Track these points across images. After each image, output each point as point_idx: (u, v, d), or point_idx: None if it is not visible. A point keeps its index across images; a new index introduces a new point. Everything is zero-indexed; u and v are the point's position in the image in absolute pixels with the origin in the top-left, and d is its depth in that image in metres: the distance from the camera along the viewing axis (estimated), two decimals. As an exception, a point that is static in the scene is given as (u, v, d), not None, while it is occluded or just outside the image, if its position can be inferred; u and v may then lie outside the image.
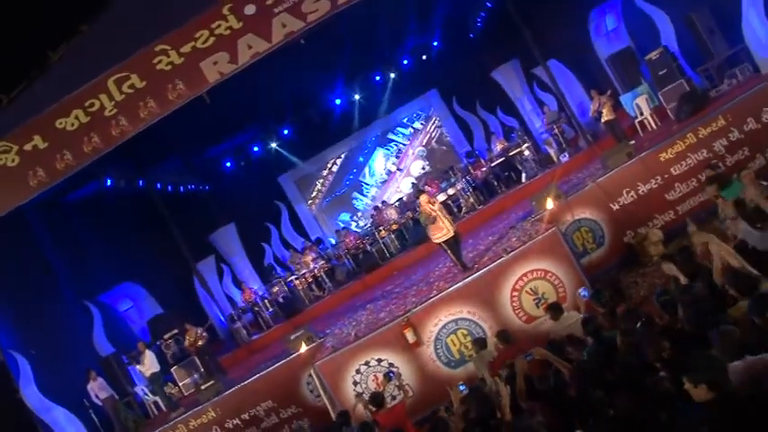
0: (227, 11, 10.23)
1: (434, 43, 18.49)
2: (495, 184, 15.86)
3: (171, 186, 16.15)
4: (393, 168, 20.44)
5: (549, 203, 9.31)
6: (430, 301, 8.54)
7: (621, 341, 4.39)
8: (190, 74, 10.28)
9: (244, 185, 18.92)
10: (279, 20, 10.20)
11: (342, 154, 20.36)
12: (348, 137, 20.06)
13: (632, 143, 11.20)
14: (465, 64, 18.55)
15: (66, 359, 12.66)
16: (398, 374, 8.09)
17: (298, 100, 16.98)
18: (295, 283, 15.44)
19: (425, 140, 20.45)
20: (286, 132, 18.69)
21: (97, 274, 14.69)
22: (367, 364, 8.46)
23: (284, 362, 9.88)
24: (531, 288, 8.39)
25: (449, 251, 9.60)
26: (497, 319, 8.27)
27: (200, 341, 12.91)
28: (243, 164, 19.13)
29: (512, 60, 17.78)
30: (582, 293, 7.33)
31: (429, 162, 20.35)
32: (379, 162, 20.48)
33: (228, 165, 18.83)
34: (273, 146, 18.90)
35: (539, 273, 8.41)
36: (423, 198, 9.76)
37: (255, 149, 18.83)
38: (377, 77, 18.78)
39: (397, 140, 20.50)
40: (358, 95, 18.94)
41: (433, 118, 20.40)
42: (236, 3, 10.20)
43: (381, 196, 19.76)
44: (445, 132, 20.34)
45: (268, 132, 18.38)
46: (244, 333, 14.45)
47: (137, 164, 14.13)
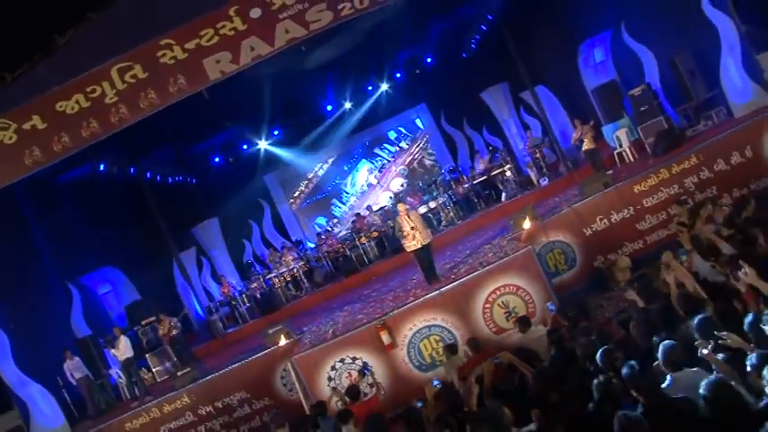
0: (233, 12, 10.57)
1: (428, 59, 19.01)
2: (476, 200, 16.33)
3: (160, 176, 16.40)
4: (374, 182, 20.89)
5: (526, 223, 9.80)
6: (406, 307, 8.98)
7: (581, 351, 4.89)
8: (192, 70, 10.59)
9: (230, 181, 19.18)
10: (282, 26, 10.56)
11: (329, 159, 20.74)
12: (336, 143, 20.44)
13: (609, 173, 11.77)
14: (456, 82, 18.99)
15: (44, 337, 12.79)
16: (372, 372, 8.47)
17: (291, 102, 17.26)
18: (273, 281, 15.75)
19: (408, 160, 20.95)
20: (276, 133, 19.03)
21: (80, 255, 14.85)
22: (342, 361, 8.86)
23: (260, 355, 10.26)
24: (502, 301, 8.86)
25: (417, 262, 10.04)
26: (469, 328, 8.72)
27: (174, 331, 13.22)
28: (231, 160, 19.41)
29: (501, 83, 18.35)
30: (550, 307, 7.82)
31: (408, 181, 20.82)
32: (362, 174, 20.92)
33: (217, 160, 19.10)
34: (262, 145, 19.20)
35: (511, 288, 8.89)
36: (401, 207, 10.14)
37: (245, 147, 19.13)
38: (369, 87, 19.20)
39: (382, 156, 20.97)
40: (349, 103, 19.33)
41: (418, 140, 20.90)
42: (243, 5, 10.55)
43: (359, 206, 20.20)
44: (429, 154, 20.83)
45: (258, 131, 18.66)
46: (220, 325, 14.73)
47: (130, 152, 14.38)
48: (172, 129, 13.78)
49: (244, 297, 15.38)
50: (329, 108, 19.08)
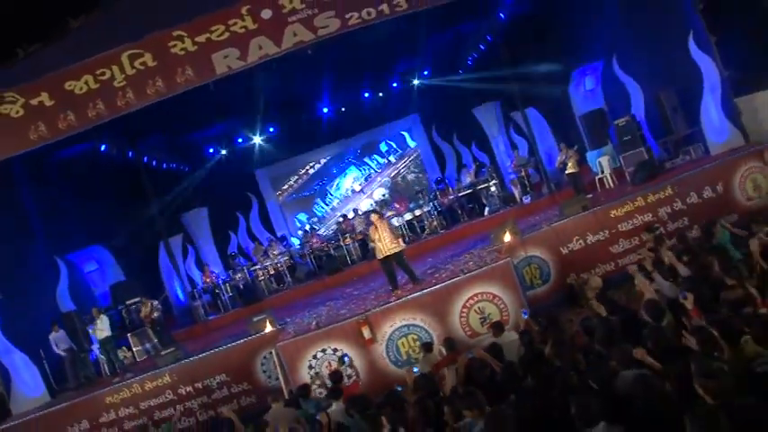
0: (245, 11, 11.05)
1: (425, 72, 19.59)
2: (459, 212, 16.87)
3: (155, 162, 16.72)
4: (358, 188, 21.49)
5: (507, 237, 10.34)
6: (388, 305, 9.46)
7: (549, 351, 5.42)
8: (200, 62, 11.03)
9: (221, 173, 19.56)
10: (291, 29, 11.04)
11: (321, 160, 21.22)
12: (328, 145, 20.93)
13: (589, 197, 12.34)
14: (450, 96, 19.57)
15: (30, 308, 13.07)
16: (351, 361, 8.93)
17: (288, 101, 17.71)
18: (257, 273, 16.15)
19: (393, 174, 21.60)
20: (272, 130, 19.47)
21: (70, 232, 15.13)
22: (324, 351, 9.31)
23: (243, 341, 10.67)
24: (479, 307, 9.37)
25: (384, 270, 10.53)
26: (445, 330, 9.21)
27: (155, 313, 13.60)
28: (225, 152, 19.81)
29: (493, 101, 18.85)
30: (523, 313, 8.36)
31: (390, 192, 21.40)
32: (349, 179, 21.50)
33: (211, 151, 19.50)
34: (257, 140, 19.62)
35: (488, 295, 9.39)
36: (374, 217, 10.60)
37: (239, 141, 19.56)
38: (365, 94, 19.71)
39: (370, 165, 21.57)
40: (345, 108, 19.82)
41: (405, 157, 21.48)
42: (255, 5, 11.02)
43: (340, 209, 20.86)
44: (413, 170, 21.41)
45: (254, 126, 19.07)
46: (201, 311, 15.11)
47: (130, 135, 14.70)
48: (170, 116, 14.03)
49: (227, 286, 15.75)
50: (325, 110, 19.53)
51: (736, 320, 4.32)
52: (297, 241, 19.75)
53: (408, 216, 16.33)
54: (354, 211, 18.58)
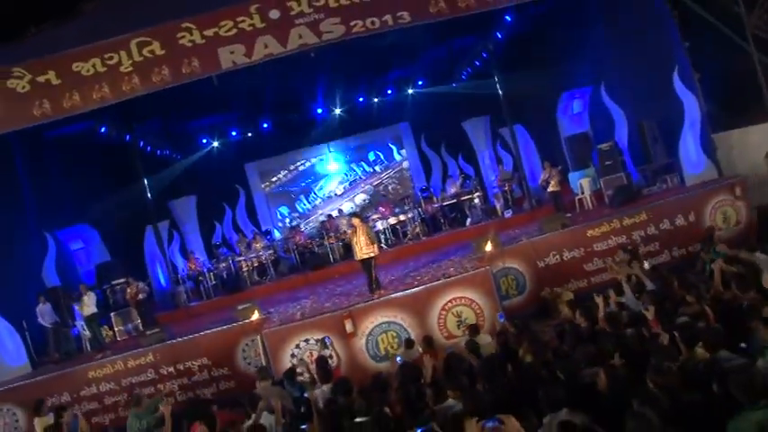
0: (254, 10, 11.42)
1: (419, 81, 20.09)
2: (442, 221, 17.34)
3: (150, 147, 17.01)
4: (340, 192, 21.94)
5: (488, 247, 10.85)
6: (371, 302, 9.95)
7: (523, 349, 5.95)
8: (206, 55, 11.37)
9: (212, 163, 19.94)
10: (297, 30, 11.43)
11: (312, 159, 21.64)
12: (319, 145, 21.36)
13: (568, 216, 12.92)
14: (441, 107, 20.04)
15: (17, 279, 13.31)
16: (332, 344, 9.35)
17: (284, 100, 18.07)
18: (241, 264, 16.49)
19: (376, 183, 22.09)
20: (265, 126, 19.85)
21: (60, 209, 15.37)
22: (307, 341, 9.75)
23: (226, 327, 11.04)
24: (456, 311, 9.88)
25: (365, 271, 10.92)
26: (423, 330, 9.67)
27: (141, 295, 13.96)
28: (217, 143, 20.17)
29: (483, 116, 19.44)
30: (499, 317, 8.89)
31: (370, 198, 21.88)
32: (334, 182, 21.95)
33: (204, 141, 19.84)
34: (250, 134, 20.00)
35: (466, 300, 9.91)
36: (355, 221, 11.06)
37: (233, 133, 19.92)
38: (360, 98, 20.16)
39: (356, 171, 22.07)
40: (339, 110, 20.27)
41: (390, 168, 22.04)
42: (264, 5, 11.40)
43: (321, 207, 21.44)
44: (396, 182, 22.00)
45: (249, 121, 19.44)
46: (184, 297, 15.41)
47: (129, 119, 14.98)
48: (168, 103, 14.25)
49: (211, 274, 16.08)
50: (319, 111, 19.96)
51: (693, 329, 4.88)
52: (278, 233, 20.14)
53: (393, 220, 16.78)
54: (339, 211, 19.01)
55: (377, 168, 22.02)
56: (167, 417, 6.96)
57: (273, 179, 21.66)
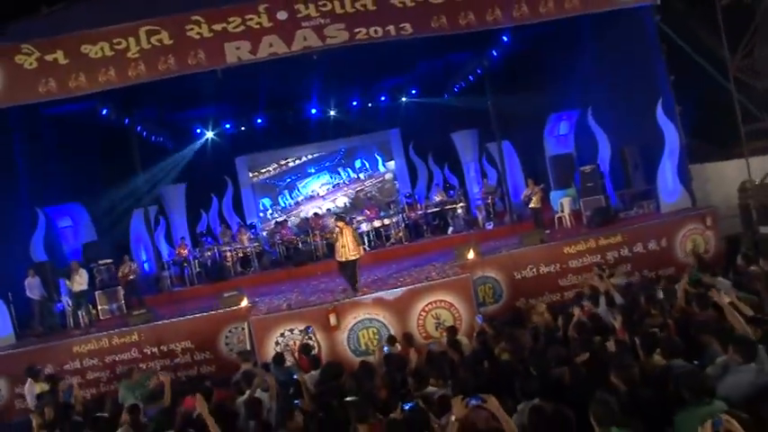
0: (262, 9, 11.83)
1: (413, 90, 20.65)
2: (424, 228, 17.83)
3: (145, 133, 17.29)
4: (323, 193, 22.43)
5: (470, 255, 11.34)
6: (355, 299, 10.43)
7: (500, 348, 6.47)
8: (213, 49, 11.75)
9: (204, 154, 20.32)
10: (302, 33, 11.85)
11: (303, 157, 22.05)
12: (310, 144, 21.76)
13: (547, 232, 13.44)
14: (432, 117, 20.65)
15: (5, 252, 13.45)
16: (314, 333, 9.76)
17: (280, 97, 18.40)
18: (225, 254, 16.82)
19: (358, 189, 22.55)
20: (260, 121, 20.22)
21: (52, 185, 15.52)
22: (291, 331, 10.18)
23: (211, 313, 11.43)
24: (436, 313, 10.38)
25: (343, 272, 11.40)
26: (403, 328, 10.13)
27: (132, 275, 14.19)
28: (211, 135, 20.51)
29: (472, 129, 19.93)
30: (478, 319, 9.40)
31: (351, 202, 22.34)
32: (318, 183, 22.45)
33: (198, 131, 20.15)
34: (243, 128, 20.37)
35: (446, 304, 10.41)
36: (340, 223, 11.53)
37: (227, 126, 20.26)
38: (354, 102, 20.63)
39: (341, 176, 22.58)
40: (332, 112, 20.73)
41: (374, 178, 22.58)
42: (273, 5, 11.81)
43: (303, 205, 22.03)
44: (377, 190, 22.51)
45: (244, 115, 19.80)
46: (168, 282, 15.72)
47: (130, 104, 15.23)
48: (168, 91, 14.45)
49: (196, 262, 16.40)
50: (313, 111, 20.38)
51: (653, 337, 5.42)
52: (258, 223, 20.56)
53: (377, 223, 17.24)
54: (328, 210, 19.42)
55: (361, 176, 22.58)
56: (167, 387, 7.33)
57: (263, 170, 22.04)
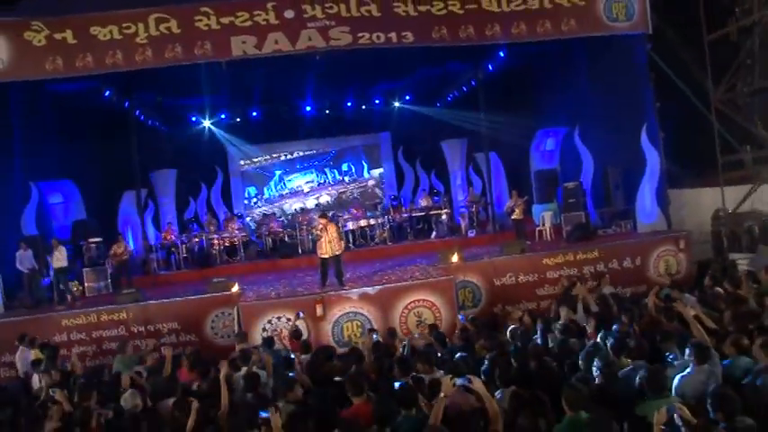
0: (270, 7, 12.19)
1: (407, 96, 21.12)
2: (408, 230, 18.29)
3: (142, 117, 17.55)
4: (307, 190, 22.89)
5: (454, 258, 11.80)
6: (341, 292, 10.88)
7: (481, 344, 6.95)
8: (219, 41, 12.09)
9: (198, 142, 20.55)
10: (307, 33, 12.23)
11: (295, 153, 22.42)
12: (301, 140, 22.15)
13: (528, 243, 13.93)
14: (423, 124, 21.15)
15: (-3, 225, 13.74)
16: (305, 317, 10.16)
17: (277, 92, 18.71)
18: (212, 241, 17.12)
19: (341, 190, 23.06)
20: (254, 114, 20.55)
21: (47, 161, 15.67)
22: (279, 318, 10.56)
23: (199, 297, 11.80)
24: (418, 311, 10.83)
25: (321, 267, 11.74)
26: (386, 324, 10.51)
27: (125, 255, 14.47)
28: (206, 123, 20.76)
29: (461, 138, 20.44)
30: (461, 318, 9.87)
31: (334, 202, 22.74)
32: (303, 179, 22.92)
33: (194, 119, 20.42)
34: (238, 119, 20.70)
35: (428, 303, 10.87)
36: (322, 220, 11.89)
37: (222, 116, 20.55)
38: (348, 103, 21.03)
39: (327, 176, 23.07)
40: (327, 111, 21.15)
41: (358, 182, 23.10)
42: (281, 3, 12.17)
43: (286, 198, 22.55)
44: (359, 193, 23.03)
45: (239, 108, 20.11)
46: (155, 265, 15.99)
47: (131, 87, 15.48)
48: (166, 77, 14.62)
49: (184, 247, 16.69)
50: (308, 108, 20.75)
51: (621, 341, 5.94)
52: (243, 210, 21.01)
53: (363, 223, 17.64)
54: (317, 206, 19.81)
55: (346, 179, 23.11)
56: (168, 359, 7.71)
57: (255, 159, 22.37)
